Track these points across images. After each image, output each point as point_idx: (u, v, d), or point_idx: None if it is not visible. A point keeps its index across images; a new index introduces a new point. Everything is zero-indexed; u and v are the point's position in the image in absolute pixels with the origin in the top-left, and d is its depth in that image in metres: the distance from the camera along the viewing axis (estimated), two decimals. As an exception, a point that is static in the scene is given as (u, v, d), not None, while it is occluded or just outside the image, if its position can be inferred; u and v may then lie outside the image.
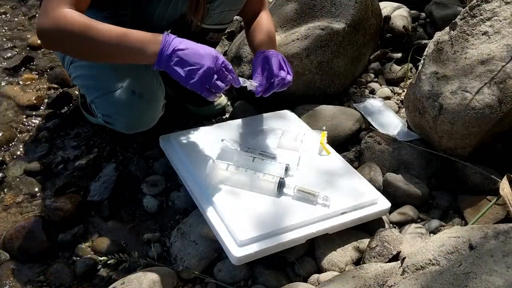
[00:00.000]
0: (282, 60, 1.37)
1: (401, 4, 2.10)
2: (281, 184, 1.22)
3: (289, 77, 1.34)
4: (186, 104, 1.70)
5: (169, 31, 1.17)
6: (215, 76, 1.14)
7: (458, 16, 1.46)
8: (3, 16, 2.48)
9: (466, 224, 1.27)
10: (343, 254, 1.19)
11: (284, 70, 1.34)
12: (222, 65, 1.16)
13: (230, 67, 1.19)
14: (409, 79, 1.78)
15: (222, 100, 1.74)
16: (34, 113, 1.80)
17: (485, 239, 0.86)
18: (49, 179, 1.52)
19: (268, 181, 1.23)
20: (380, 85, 1.83)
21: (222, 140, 1.37)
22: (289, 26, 1.74)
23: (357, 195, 1.25)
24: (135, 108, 1.33)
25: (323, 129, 1.44)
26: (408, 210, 1.31)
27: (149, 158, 1.55)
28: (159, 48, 1.13)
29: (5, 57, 2.14)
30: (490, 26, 1.38)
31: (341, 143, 1.55)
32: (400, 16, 2.00)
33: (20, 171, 1.55)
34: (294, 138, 1.41)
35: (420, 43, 1.88)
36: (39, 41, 2.23)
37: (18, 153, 1.62)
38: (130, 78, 1.33)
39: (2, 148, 1.63)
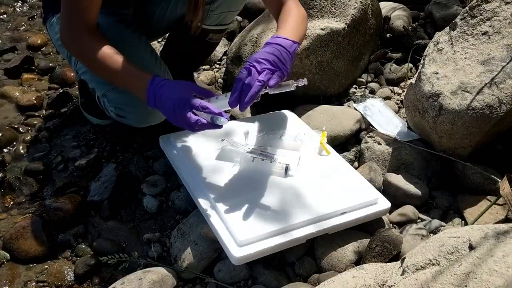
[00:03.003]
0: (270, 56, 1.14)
1: (401, 4, 2.10)
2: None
3: (258, 84, 1.11)
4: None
5: (153, 76, 1.19)
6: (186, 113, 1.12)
7: (458, 16, 1.46)
8: (3, 16, 2.48)
9: (466, 224, 1.27)
10: (343, 254, 1.19)
11: (258, 75, 1.12)
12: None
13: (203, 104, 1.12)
14: (409, 79, 1.78)
15: (222, 100, 1.74)
16: (34, 113, 1.80)
17: (485, 239, 0.86)
18: (49, 179, 1.52)
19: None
20: (380, 85, 1.83)
21: (222, 140, 1.37)
22: (289, 26, 1.74)
23: (357, 195, 1.25)
24: None
25: (323, 129, 1.44)
26: (408, 210, 1.31)
27: (149, 158, 1.55)
28: (146, 96, 1.18)
29: (5, 57, 2.14)
30: (490, 26, 1.38)
31: (341, 143, 1.55)
32: (400, 16, 2.00)
33: (20, 172, 1.55)
34: (294, 138, 1.41)
35: (420, 43, 1.87)
36: (39, 41, 2.24)
37: (18, 153, 1.62)
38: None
39: (2, 148, 1.64)
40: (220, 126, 1.13)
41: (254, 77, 1.11)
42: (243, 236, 1.10)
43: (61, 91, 1.90)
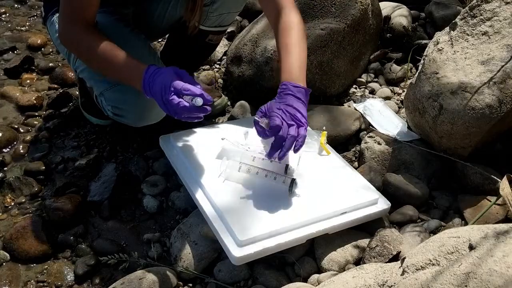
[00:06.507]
0: (298, 104, 1.17)
1: (401, 4, 2.10)
2: (292, 185, 1.22)
3: (302, 131, 1.15)
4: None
5: (147, 67, 1.19)
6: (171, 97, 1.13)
7: (458, 16, 1.46)
8: (3, 16, 2.48)
9: (466, 224, 1.27)
10: (343, 254, 1.19)
11: (295, 123, 1.14)
12: (172, 87, 1.13)
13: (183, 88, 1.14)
14: (409, 79, 1.78)
15: (222, 100, 1.74)
16: (34, 113, 1.80)
17: (485, 239, 0.86)
18: (49, 179, 1.52)
19: (280, 183, 1.23)
20: (380, 85, 1.83)
21: (222, 139, 1.37)
22: (289, 26, 1.74)
23: (357, 195, 1.25)
24: (146, 100, 1.34)
25: (323, 129, 1.44)
26: (408, 210, 1.31)
27: (149, 158, 1.55)
28: (142, 86, 1.19)
29: (5, 57, 2.14)
30: (490, 26, 1.38)
31: (341, 143, 1.55)
32: (400, 16, 2.00)
33: (20, 172, 1.55)
34: (294, 138, 1.40)
35: (420, 43, 1.87)
36: (39, 41, 2.24)
37: (18, 153, 1.62)
38: None
39: (2, 148, 1.63)
40: (205, 110, 1.14)
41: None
42: (243, 236, 1.10)
43: (61, 91, 1.90)
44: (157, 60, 1.45)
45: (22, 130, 1.72)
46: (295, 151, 1.15)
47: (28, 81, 1.99)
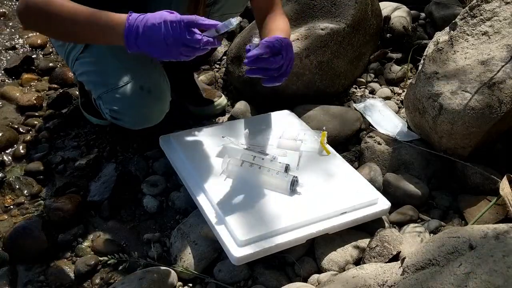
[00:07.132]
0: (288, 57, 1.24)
1: (401, 4, 2.10)
2: (294, 183, 1.22)
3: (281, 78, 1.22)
4: (186, 104, 1.70)
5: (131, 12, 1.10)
6: (184, 32, 1.07)
7: (458, 16, 1.46)
8: (3, 16, 2.48)
9: (466, 224, 1.27)
10: (343, 254, 1.19)
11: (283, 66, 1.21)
12: (180, 19, 1.08)
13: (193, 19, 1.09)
14: (409, 79, 1.78)
15: (222, 100, 1.75)
16: (34, 113, 1.80)
17: (485, 239, 0.86)
18: (49, 179, 1.52)
19: (281, 179, 1.24)
20: (380, 85, 1.83)
21: (223, 137, 1.38)
22: (289, 26, 1.74)
23: (357, 195, 1.25)
24: (144, 103, 1.34)
25: (323, 129, 1.44)
26: (408, 210, 1.31)
27: (149, 158, 1.55)
28: (124, 33, 1.08)
29: (5, 57, 2.14)
30: (490, 26, 1.38)
31: (341, 143, 1.55)
32: (400, 16, 2.01)
33: (21, 172, 1.55)
34: (294, 138, 1.41)
35: (420, 43, 1.88)
36: (39, 41, 2.24)
37: (18, 153, 1.62)
38: (138, 73, 1.33)
39: (2, 149, 1.63)
40: (219, 43, 1.13)
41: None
42: (243, 236, 1.10)
43: (61, 91, 1.89)
44: (156, 62, 1.44)
45: (22, 130, 1.72)
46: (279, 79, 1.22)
47: (28, 81, 1.99)
